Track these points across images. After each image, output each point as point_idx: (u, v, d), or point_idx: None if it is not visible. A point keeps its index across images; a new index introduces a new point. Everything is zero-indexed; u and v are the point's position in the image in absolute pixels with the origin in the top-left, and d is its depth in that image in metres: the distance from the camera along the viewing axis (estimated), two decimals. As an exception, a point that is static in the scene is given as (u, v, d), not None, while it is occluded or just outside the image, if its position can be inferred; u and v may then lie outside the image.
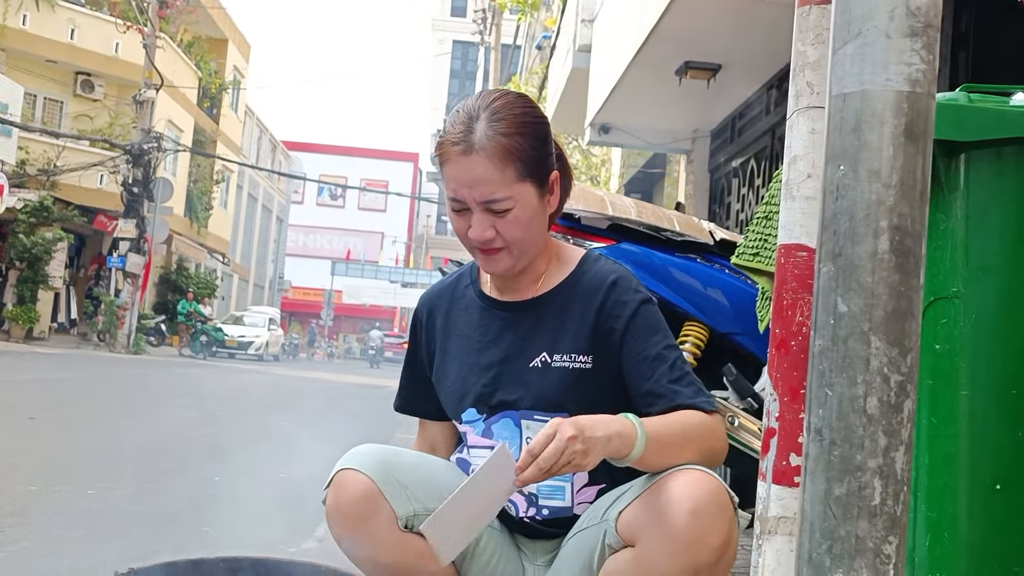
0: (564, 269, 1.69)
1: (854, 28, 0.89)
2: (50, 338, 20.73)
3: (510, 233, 1.56)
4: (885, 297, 0.86)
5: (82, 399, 8.25)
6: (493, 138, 1.51)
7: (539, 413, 1.60)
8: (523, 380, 1.62)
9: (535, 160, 1.56)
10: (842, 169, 0.89)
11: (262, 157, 40.09)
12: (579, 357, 1.61)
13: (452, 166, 1.54)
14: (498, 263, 1.60)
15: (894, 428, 0.86)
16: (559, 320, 1.64)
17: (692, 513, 1.34)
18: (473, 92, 9.60)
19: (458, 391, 1.68)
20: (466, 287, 1.76)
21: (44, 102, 22.68)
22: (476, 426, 1.65)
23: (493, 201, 1.53)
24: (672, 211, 3.07)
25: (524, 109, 1.57)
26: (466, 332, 1.71)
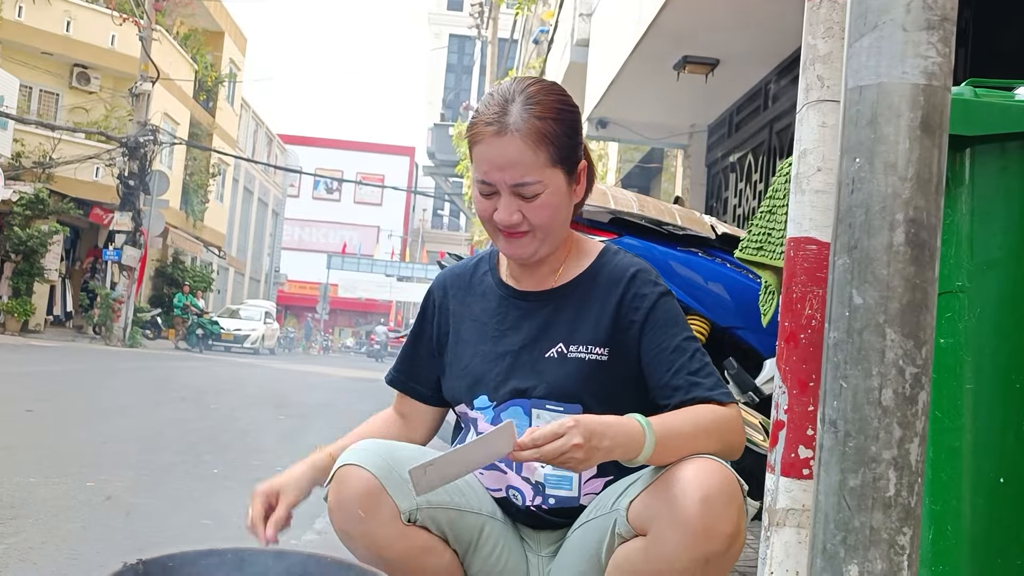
0: (583, 261, 1.70)
1: (870, 21, 0.89)
2: (46, 331, 20.69)
3: (537, 218, 1.56)
4: (900, 289, 0.86)
5: (79, 392, 8.23)
6: (528, 120, 1.52)
7: (552, 403, 1.61)
8: (538, 369, 1.63)
9: (567, 147, 1.56)
10: (858, 162, 0.89)
11: (258, 150, 40.02)
12: (595, 349, 1.62)
13: (485, 146, 1.54)
14: (522, 247, 1.60)
15: (909, 420, 0.86)
16: (577, 311, 1.65)
17: (703, 501, 1.35)
18: (469, 86, 9.69)
19: (471, 377, 1.68)
20: (484, 273, 1.76)
21: (40, 94, 22.62)
22: (486, 413, 1.65)
23: (523, 184, 1.53)
24: (674, 205, 3.07)
25: (559, 96, 1.58)
26: (482, 318, 1.71)
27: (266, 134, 41.78)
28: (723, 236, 2.94)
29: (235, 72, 33.11)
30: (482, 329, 1.71)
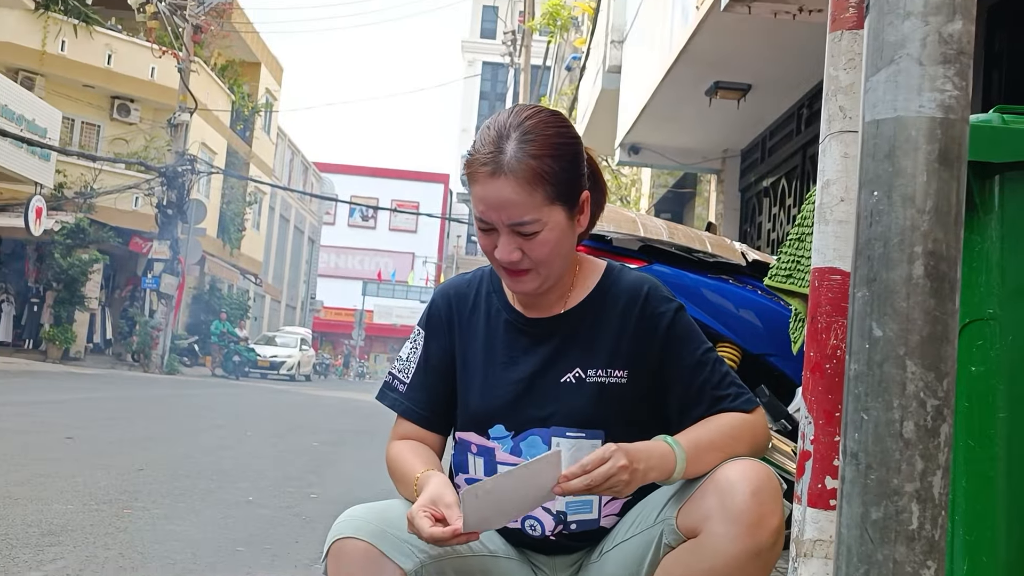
0: (588, 283, 1.67)
1: (887, 55, 0.90)
2: (86, 358, 20.99)
3: (537, 255, 1.52)
4: (920, 322, 0.87)
5: (117, 419, 8.34)
6: (523, 160, 1.47)
7: (572, 430, 1.58)
8: (554, 396, 1.60)
9: (565, 182, 1.52)
10: (876, 195, 0.89)
11: (294, 178, 40.47)
12: (615, 372, 1.60)
13: (480, 186, 1.50)
14: (525, 284, 1.57)
15: (931, 452, 0.86)
16: (590, 335, 1.63)
17: (754, 495, 1.37)
18: (503, 114, 9.46)
19: (485, 407, 1.63)
20: (488, 294, 1.71)
21: (82, 126, 23.09)
22: (504, 443, 1.62)
23: (520, 224, 1.50)
24: (704, 232, 3.07)
25: (557, 129, 1.53)
26: (490, 344, 1.66)
27: (302, 162, 42.26)
28: (753, 263, 2.93)
29: (271, 101, 33.58)
30: (490, 355, 1.66)
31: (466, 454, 1.67)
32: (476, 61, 52.97)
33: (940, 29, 0.88)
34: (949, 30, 0.88)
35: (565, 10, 16.86)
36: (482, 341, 1.67)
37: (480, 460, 1.64)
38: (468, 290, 1.73)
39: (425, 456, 1.64)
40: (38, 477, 4.59)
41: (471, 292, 1.72)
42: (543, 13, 17.52)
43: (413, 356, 1.72)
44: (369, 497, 4.79)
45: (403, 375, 1.72)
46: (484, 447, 1.64)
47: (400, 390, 1.71)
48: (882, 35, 0.91)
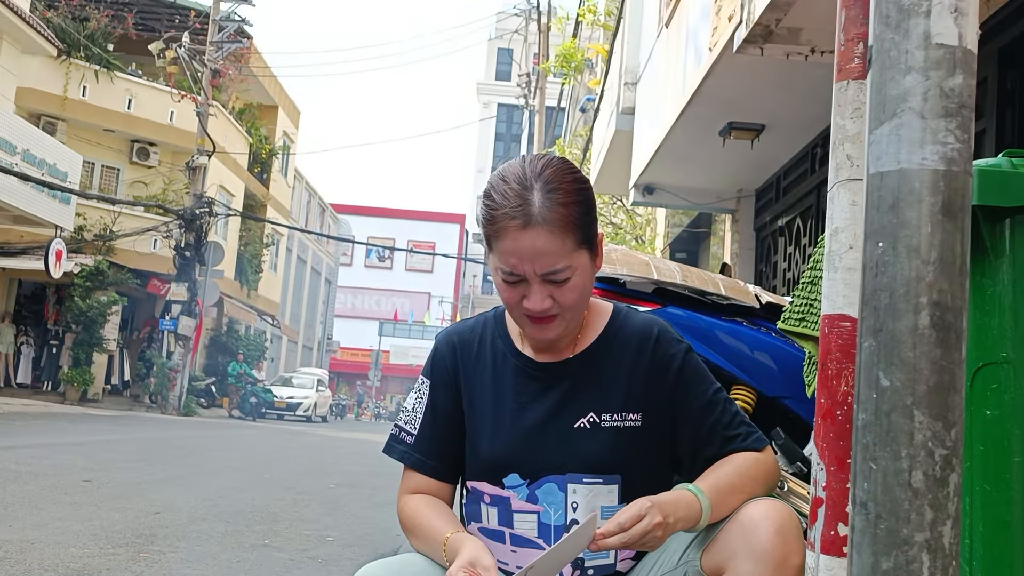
0: (596, 326, 1.68)
1: (889, 109, 0.92)
2: (103, 400, 21.06)
3: (567, 300, 1.53)
4: (927, 372, 0.87)
5: (134, 461, 8.35)
6: (553, 209, 1.49)
7: (589, 476, 1.58)
8: (569, 442, 1.59)
9: (588, 225, 1.54)
10: (881, 246, 0.90)
11: (311, 220, 40.75)
12: (629, 415, 1.60)
13: (510, 240, 1.49)
14: (552, 330, 1.57)
15: (940, 502, 0.86)
16: (602, 378, 1.63)
17: (779, 533, 1.40)
18: (518, 154, 9.75)
19: (498, 455, 1.62)
20: (493, 340, 1.70)
21: (101, 169, 23.37)
22: (520, 491, 1.60)
23: (554, 272, 1.50)
24: (717, 275, 3.08)
25: (574, 176, 1.55)
26: (499, 391, 1.65)
27: (319, 204, 42.56)
28: (767, 305, 2.93)
29: (288, 144, 33.91)
30: (500, 402, 1.64)
31: (478, 503, 1.65)
32: (491, 103, 53.47)
33: (941, 83, 0.90)
34: (950, 84, 0.90)
35: (579, 52, 17.02)
36: (491, 388, 1.66)
37: (494, 510, 1.63)
38: (471, 336, 1.72)
39: (447, 514, 1.63)
40: (55, 520, 4.61)
41: (475, 338, 1.71)
42: (557, 56, 17.69)
43: (419, 406, 1.70)
44: (385, 541, 4.77)
45: (410, 426, 1.70)
46: (498, 496, 1.62)
47: (408, 442, 1.69)
48: (884, 89, 0.93)
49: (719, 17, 6.21)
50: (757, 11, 5.24)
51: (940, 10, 0.91)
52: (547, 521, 1.58)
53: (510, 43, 42.78)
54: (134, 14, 23.34)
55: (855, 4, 1.24)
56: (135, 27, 23.18)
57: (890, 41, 0.93)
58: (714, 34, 6.32)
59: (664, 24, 8.48)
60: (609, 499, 1.59)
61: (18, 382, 20.68)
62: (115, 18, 22.56)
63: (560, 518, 1.58)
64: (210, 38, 22.59)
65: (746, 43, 5.56)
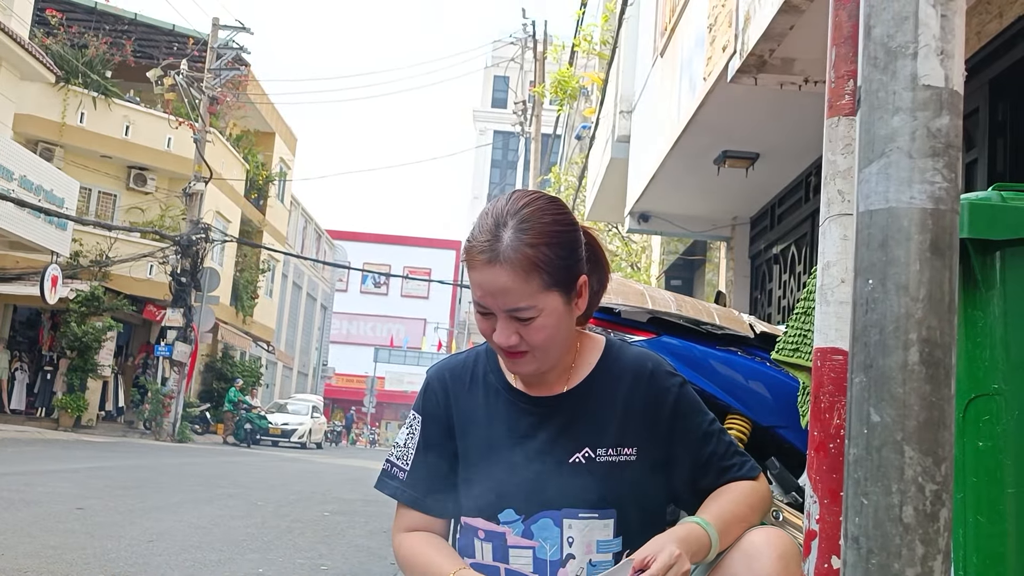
0: (589, 359, 1.68)
1: (877, 149, 0.94)
2: (97, 426, 20.98)
3: (534, 340, 1.53)
4: (917, 407, 0.89)
5: (129, 489, 8.31)
6: (519, 249, 1.49)
7: (584, 511, 1.58)
8: (564, 478, 1.59)
9: (562, 269, 1.53)
10: (871, 283, 0.92)
11: (307, 246, 40.79)
12: (624, 450, 1.61)
13: (477, 273, 1.52)
14: (523, 366, 1.58)
15: (931, 537, 0.87)
16: (596, 413, 1.63)
17: (780, 559, 1.45)
18: (514, 181, 9.78)
19: (492, 491, 1.61)
20: (485, 374, 1.70)
21: (98, 195, 23.42)
22: (515, 527, 1.60)
23: (516, 310, 1.51)
24: (712, 304, 3.09)
25: (553, 217, 1.54)
26: (493, 426, 1.65)
27: (315, 230, 42.62)
28: (762, 335, 2.94)
29: (285, 170, 34.01)
30: (492, 437, 1.64)
31: (472, 539, 1.65)
32: (487, 130, 53.70)
33: (928, 124, 0.92)
34: (937, 124, 0.92)
35: (574, 80, 17.12)
36: (484, 423, 1.65)
37: (488, 545, 1.62)
38: (463, 371, 1.72)
39: (447, 550, 1.63)
40: (48, 549, 4.58)
41: (466, 373, 1.71)
42: (552, 82, 17.80)
43: (411, 442, 1.70)
44: (380, 570, 4.75)
45: (402, 462, 1.69)
46: (493, 532, 1.62)
47: (401, 478, 1.69)
48: (873, 128, 0.95)
49: (713, 47, 6.26)
50: (751, 41, 5.29)
51: (927, 52, 0.93)
52: (543, 556, 1.58)
53: (506, 71, 43.00)
54: (132, 41, 23.47)
55: (845, 42, 1.26)
56: (133, 54, 23.30)
57: (878, 82, 0.95)
58: (708, 63, 6.38)
59: (659, 53, 8.55)
60: (604, 533, 1.60)
61: (12, 408, 20.60)
62: (113, 45, 22.68)
63: (556, 553, 1.58)
64: (208, 65, 22.71)
65: (740, 73, 5.61)
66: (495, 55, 46.74)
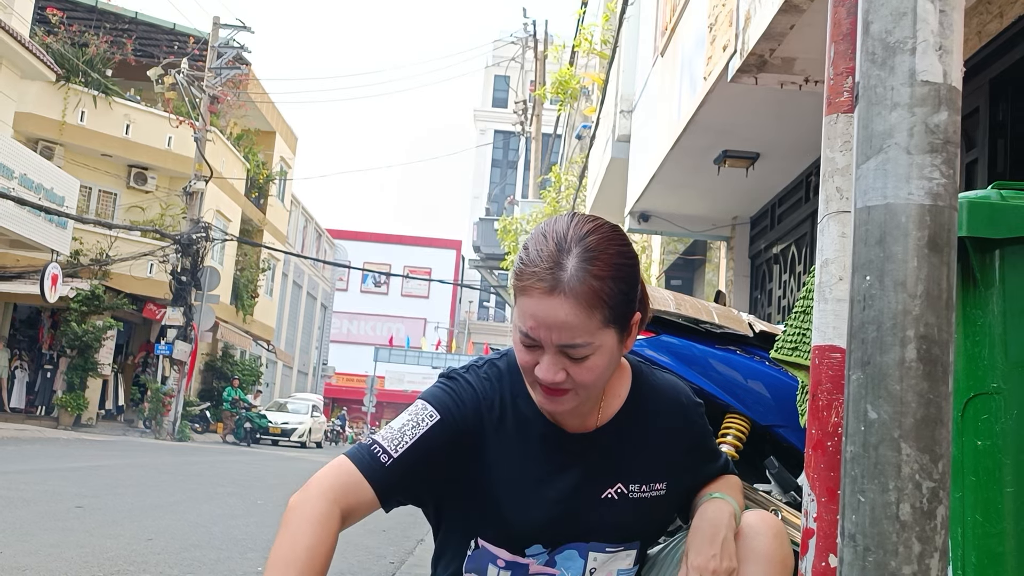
0: (619, 391, 1.62)
1: (876, 145, 0.93)
2: (97, 425, 20.97)
3: (583, 378, 1.43)
4: (914, 405, 0.88)
5: (128, 487, 8.31)
6: (585, 281, 1.37)
7: (611, 545, 1.58)
8: (595, 512, 1.56)
9: (623, 304, 1.42)
10: (868, 280, 0.91)
11: (307, 245, 40.77)
12: (656, 485, 1.60)
13: (533, 302, 1.39)
14: (561, 404, 1.48)
15: (928, 535, 0.87)
16: (629, 450, 1.59)
17: (776, 537, 1.52)
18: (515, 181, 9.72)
19: (524, 527, 1.54)
20: (514, 399, 1.57)
21: (99, 194, 23.40)
22: (539, 558, 1.57)
23: (572, 347, 1.40)
24: (711, 303, 3.08)
25: (619, 248, 1.43)
26: (526, 458, 1.56)
27: (315, 229, 42.60)
28: (760, 334, 2.94)
29: (285, 170, 34.00)
30: (524, 472, 1.55)
31: (487, 563, 1.58)
32: (488, 130, 53.68)
33: (926, 120, 0.91)
34: (935, 120, 0.91)
35: (575, 80, 17.12)
36: (516, 455, 1.56)
37: (508, 573, 1.57)
38: (493, 395, 1.58)
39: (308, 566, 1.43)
40: (47, 547, 4.57)
41: (495, 396, 1.58)
42: (553, 82, 17.79)
43: (411, 432, 1.51)
44: (378, 569, 4.74)
45: (392, 447, 1.49)
46: (516, 563, 1.56)
47: (383, 462, 1.48)
48: (871, 125, 0.94)
49: (714, 47, 6.26)
50: (751, 41, 5.29)
51: (925, 48, 0.92)
52: None
53: (507, 70, 42.99)
54: (133, 40, 23.46)
55: (844, 39, 1.26)
56: (134, 53, 23.29)
57: (876, 78, 0.95)
58: (709, 63, 6.37)
59: (660, 53, 8.55)
60: (626, 563, 1.61)
61: (11, 406, 20.59)
62: (114, 44, 22.67)
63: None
64: (209, 64, 22.70)
65: (740, 72, 5.61)
66: (496, 54, 46.75)
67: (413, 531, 6.45)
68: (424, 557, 5.28)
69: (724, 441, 2.76)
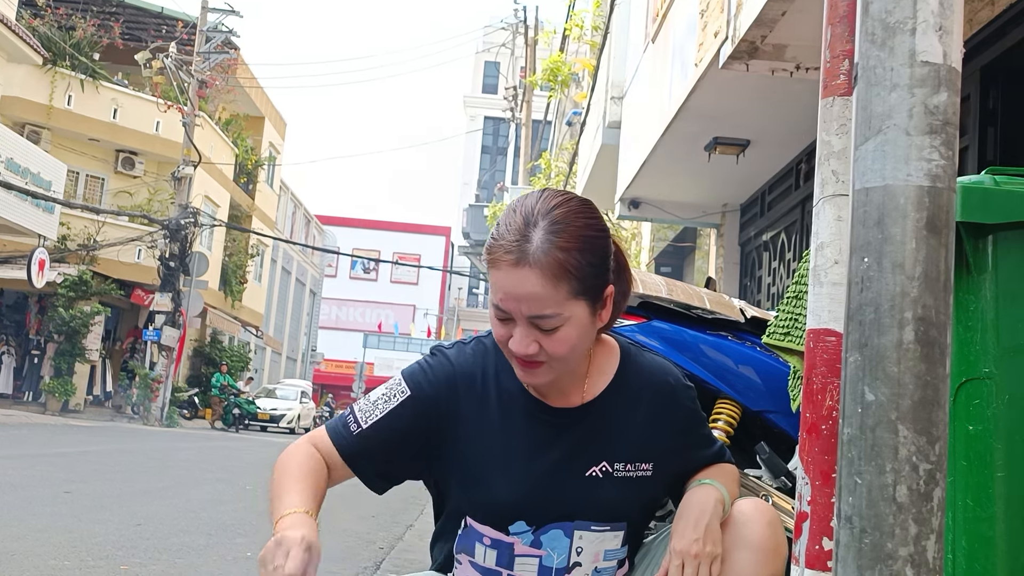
0: (606, 368, 1.63)
1: (875, 126, 0.93)
2: (85, 410, 20.91)
3: (555, 350, 1.45)
4: (912, 386, 0.88)
5: (116, 473, 8.29)
6: (550, 252, 1.40)
7: (597, 524, 1.57)
8: (580, 491, 1.56)
9: (592, 276, 1.44)
10: (866, 261, 0.91)
11: (296, 231, 40.66)
12: (642, 466, 1.59)
13: (502, 274, 1.42)
14: (537, 377, 1.51)
15: (924, 516, 0.87)
16: (615, 427, 1.59)
17: (769, 525, 1.51)
18: (504, 167, 9.71)
19: (503, 503, 1.56)
20: (497, 374, 1.60)
21: (86, 179, 23.27)
22: (524, 537, 1.57)
23: (541, 317, 1.42)
24: (702, 289, 3.09)
25: (586, 221, 1.46)
26: (509, 433, 1.58)
27: (304, 215, 42.48)
28: (752, 319, 2.94)
29: (274, 155, 33.86)
30: (507, 446, 1.57)
31: (474, 542, 1.60)
32: (478, 116, 53.55)
33: (926, 100, 0.91)
34: (935, 101, 0.91)
35: (565, 66, 17.08)
36: (499, 430, 1.58)
37: (493, 552, 1.58)
38: (474, 370, 1.61)
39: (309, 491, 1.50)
40: (35, 532, 4.56)
41: (477, 372, 1.61)
42: (544, 69, 17.75)
43: (383, 406, 1.57)
44: (368, 554, 4.73)
45: (363, 418, 1.56)
46: (501, 541, 1.58)
47: (352, 431, 1.56)
48: (870, 106, 0.94)
49: (705, 33, 6.25)
50: (743, 28, 5.28)
51: (925, 28, 0.92)
52: (549, 564, 1.57)
53: (497, 56, 42.85)
54: (121, 24, 23.27)
55: (841, 21, 1.25)
56: (122, 37, 23.10)
57: (876, 58, 0.94)
58: (700, 50, 6.36)
59: (651, 39, 8.53)
60: (614, 544, 1.60)
61: (-1, 392, 20.53)
62: (101, 27, 22.49)
63: (563, 561, 1.57)
64: (197, 49, 22.56)
65: (732, 59, 5.60)
66: (486, 40, 46.59)
67: (402, 517, 6.45)
68: (413, 543, 5.28)
69: (715, 426, 2.76)
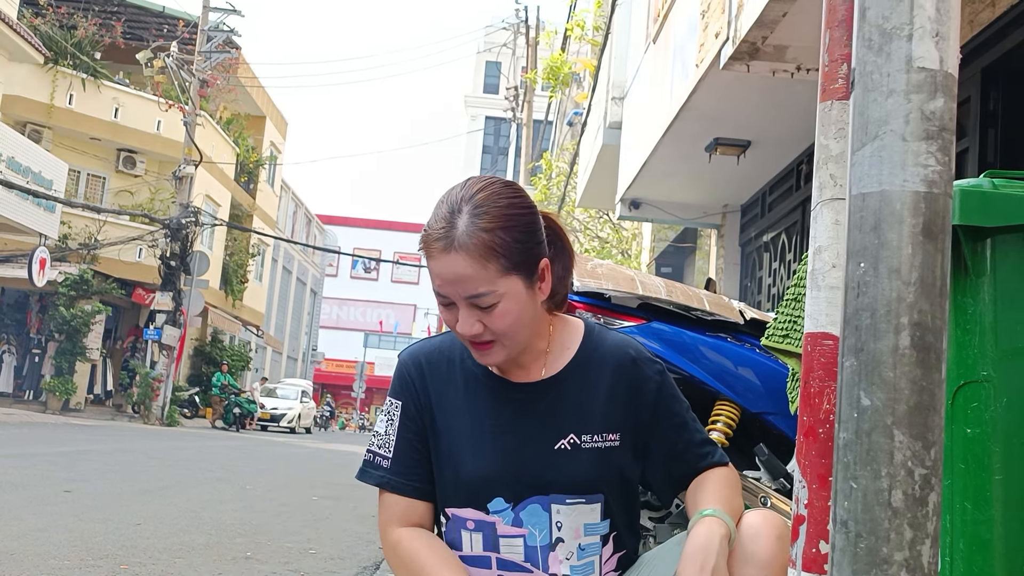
0: (569, 344, 1.67)
1: (871, 131, 0.93)
2: (86, 409, 20.93)
3: (498, 326, 1.51)
4: (907, 391, 0.88)
5: (116, 472, 8.29)
6: (474, 235, 1.46)
7: (571, 497, 1.59)
8: (551, 464, 1.59)
9: (520, 251, 1.50)
10: (863, 266, 0.91)
11: (297, 231, 40.68)
12: (609, 436, 1.61)
13: (435, 262, 1.50)
14: (491, 356, 1.56)
15: (920, 521, 0.87)
16: (580, 399, 1.63)
17: (779, 539, 1.48)
18: (505, 167, 9.75)
19: (478, 479, 1.60)
20: (462, 359, 1.66)
21: (87, 178, 23.29)
22: (505, 515, 1.59)
23: (477, 296, 1.48)
24: (702, 290, 3.09)
25: (509, 200, 1.52)
26: (476, 413, 1.63)
27: (305, 214, 42.50)
28: (751, 321, 2.94)
29: (275, 154, 33.88)
30: (475, 424, 1.62)
31: (459, 530, 1.63)
32: (479, 116, 53.60)
33: (922, 106, 0.91)
34: (931, 107, 0.91)
35: (566, 65, 17.08)
36: (466, 410, 1.63)
37: (479, 536, 1.61)
38: (439, 356, 1.68)
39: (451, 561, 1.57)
40: (35, 531, 4.57)
41: (443, 359, 1.68)
42: (544, 68, 17.75)
43: (391, 428, 1.66)
44: (368, 554, 4.73)
45: (384, 450, 1.66)
46: (483, 522, 1.61)
47: (384, 466, 1.65)
48: (867, 111, 0.94)
49: (706, 34, 6.25)
50: (744, 28, 5.28)
51: (922, 34, 0.92)
52: (533, 543, 1.59)
53: (498, 56, 42.85)
54: (122, 23, 23.29)
55: (839, 26, 1.25)
56: (123, 36, 23.12)
57: (872, 64, 0.95)
58: (701, 50, 6.36)
59: (652, 40, 8.53)
60: (592, 517, 1.61)
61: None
62: (103, 27, 22.51)
63: (545, 538, 1.58)
64: (198, 48, 22.57)
65: (732, 60, 5.61)
66: (487, 40, 46.59)
67: (402, 517, 6.44)
68: (413, 543, 5.27)
69: (714, 428, 2.77)
